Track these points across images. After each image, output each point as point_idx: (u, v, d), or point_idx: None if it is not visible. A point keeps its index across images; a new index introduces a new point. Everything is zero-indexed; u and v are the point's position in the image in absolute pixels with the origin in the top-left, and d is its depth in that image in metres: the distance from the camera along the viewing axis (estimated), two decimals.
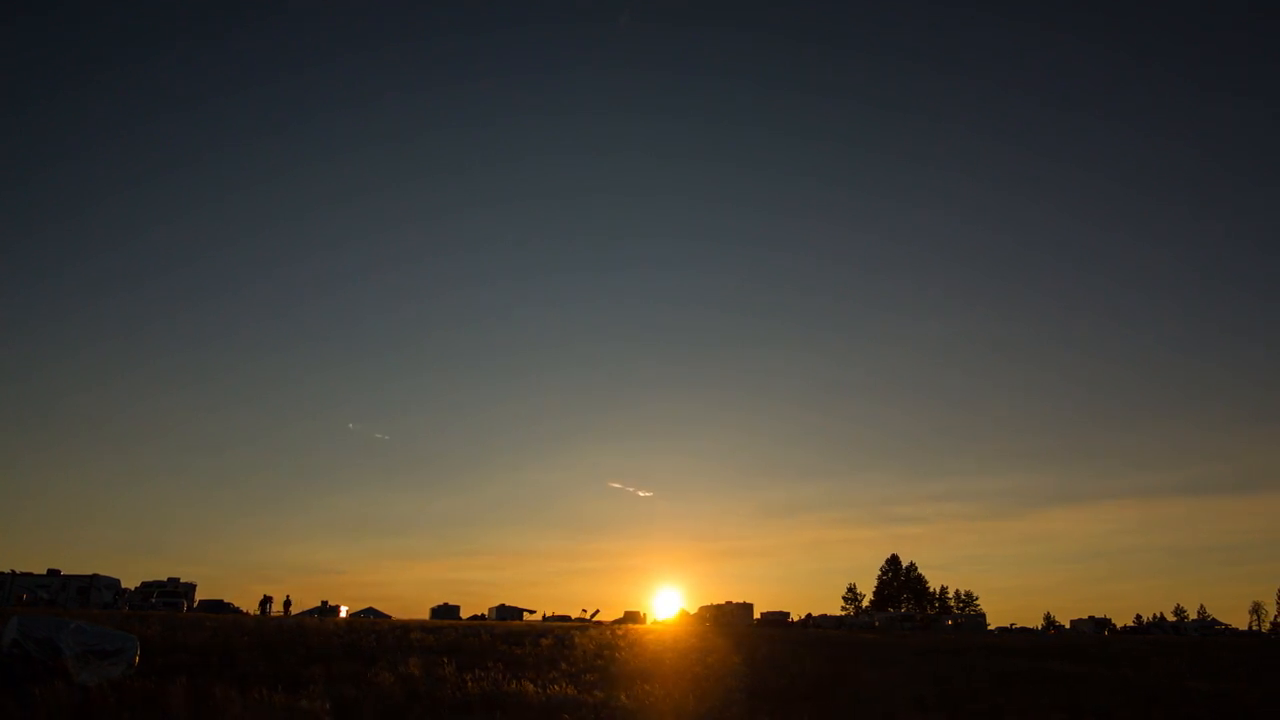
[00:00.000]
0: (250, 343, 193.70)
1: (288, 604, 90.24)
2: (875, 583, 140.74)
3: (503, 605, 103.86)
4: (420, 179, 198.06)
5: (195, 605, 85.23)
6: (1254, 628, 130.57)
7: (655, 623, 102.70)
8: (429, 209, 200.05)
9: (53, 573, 76.55)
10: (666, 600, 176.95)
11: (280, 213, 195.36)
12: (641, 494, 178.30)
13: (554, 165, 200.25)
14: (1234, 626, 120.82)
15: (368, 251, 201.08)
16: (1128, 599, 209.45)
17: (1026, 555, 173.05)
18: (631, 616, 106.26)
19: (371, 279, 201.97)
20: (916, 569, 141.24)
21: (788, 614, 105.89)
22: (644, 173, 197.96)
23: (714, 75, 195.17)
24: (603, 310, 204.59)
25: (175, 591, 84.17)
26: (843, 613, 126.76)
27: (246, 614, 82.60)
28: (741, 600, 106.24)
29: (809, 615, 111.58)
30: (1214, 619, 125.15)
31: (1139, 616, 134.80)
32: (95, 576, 75.96)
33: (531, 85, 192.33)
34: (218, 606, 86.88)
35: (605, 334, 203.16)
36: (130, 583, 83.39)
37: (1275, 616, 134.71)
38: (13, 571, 75.06)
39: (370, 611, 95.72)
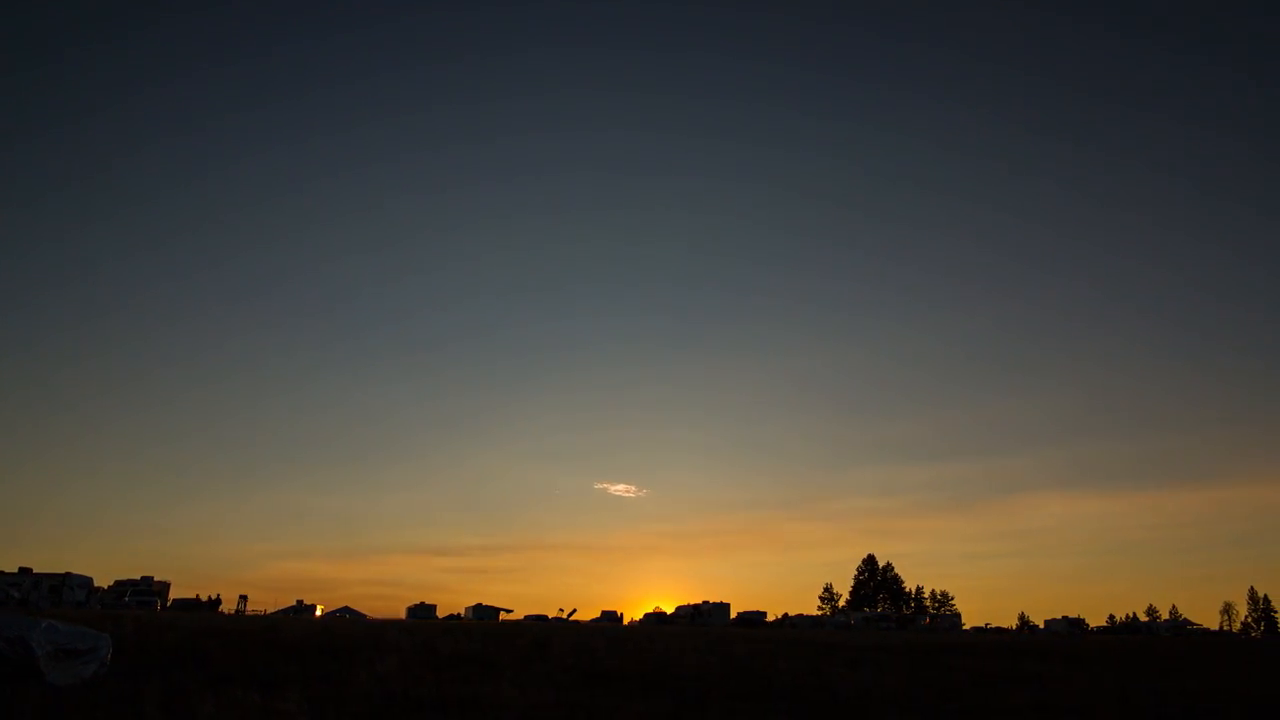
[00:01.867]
0: (227, 340, 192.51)
1: (243, 600, 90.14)
2: (852, 583, 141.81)
3: (480, 604, 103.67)
4: (389, 161, 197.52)
5: (169, 604, 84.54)
6: (1225, 628, 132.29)
7: (632, 622, 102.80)
8: (403, 190, 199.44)
9: (24, 571, 75.71)
10: (644, 599, 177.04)
11: (238, 201, 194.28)
12: (621, 493, 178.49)
13: (539, 146, 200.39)
14: (1206, 626, 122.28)
15: (344, 238, 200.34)
16: (1103, 599, 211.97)
17: (1004, 551, 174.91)
18: (609, 616, 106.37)
19: (354, 268, 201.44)
20: (893, 569, 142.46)
21: (764, 614, 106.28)
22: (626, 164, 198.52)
23: (713, 71, 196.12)
24: (589, 307, 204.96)
25: (149, 590, 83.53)
26: (819, 612, 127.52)
27: (221, 612, 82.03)
28: (718, 600, 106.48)
29: (786, 615, 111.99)
30: (1186, 619, 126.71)
31: (1112, 616, 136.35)
32: (68, 575, 75.24)
33: (526, 64, 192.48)
34: (192, 605, 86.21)
35: (592, 332, 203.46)
36: (103, 581, 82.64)
37: (1245, 617, 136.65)
38: None
39: (346, 611, 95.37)
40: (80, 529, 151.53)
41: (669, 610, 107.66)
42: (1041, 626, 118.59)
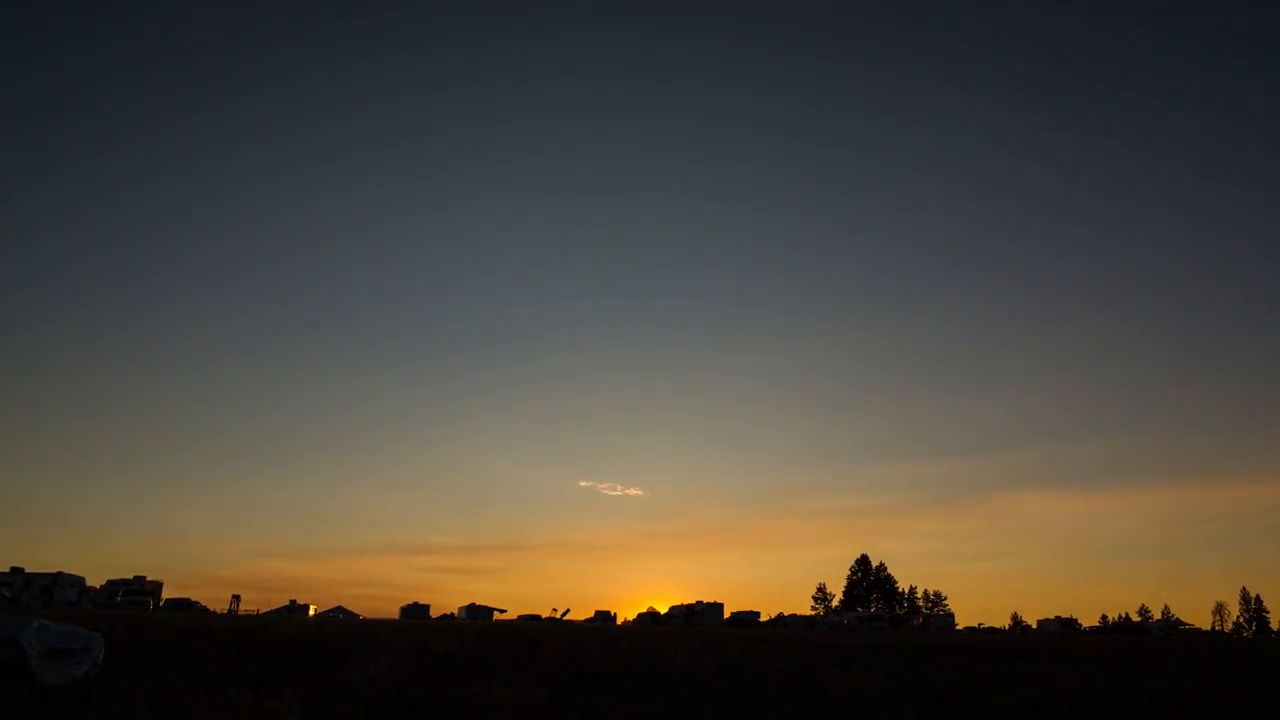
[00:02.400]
0: (214, 338, 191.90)
1: (236, 600, 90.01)
2: (845, 583, 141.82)
3: (473, 604, 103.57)
4: (374, 149, 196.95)
5: (161, 604, 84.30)
6: (1217, 628, 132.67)
7: (626, 622, 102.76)
8: (387, 180, 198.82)
9: (16, 570, 75.40)
10: (637, 599, 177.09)
11: (222, 193, 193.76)
12: (607, 491, 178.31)
13: (530, 135, 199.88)
14: (1198, 626, 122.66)
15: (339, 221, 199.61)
16: (1096, 599, 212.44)
17: (998, 550, 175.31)
18: (602, 616, 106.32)
19: (342, 262, 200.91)
20: (886, 569, 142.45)
21: (758, 614, 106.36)
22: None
23: (713, 74, 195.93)
24: (574, 305, 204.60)
25: (141, 590, 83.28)
26: (813, 612, 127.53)
27: (213, 612, 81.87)
28: (712, 600, 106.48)
29: (779, 615, 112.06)
30: (1178, 619, 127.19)
31: (1104, 616, 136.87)
32: (59, 574, 74.96)
33: (524, 49, 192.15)
34: (184, 605, 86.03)
35: (578, 328, 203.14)
36: (95, 580, 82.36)
37: (1237, 617, 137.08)
38: None
39: (339, 610, 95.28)
40: (72, 528, 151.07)
41: (662, 610, 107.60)
42: (1034, 627, 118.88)
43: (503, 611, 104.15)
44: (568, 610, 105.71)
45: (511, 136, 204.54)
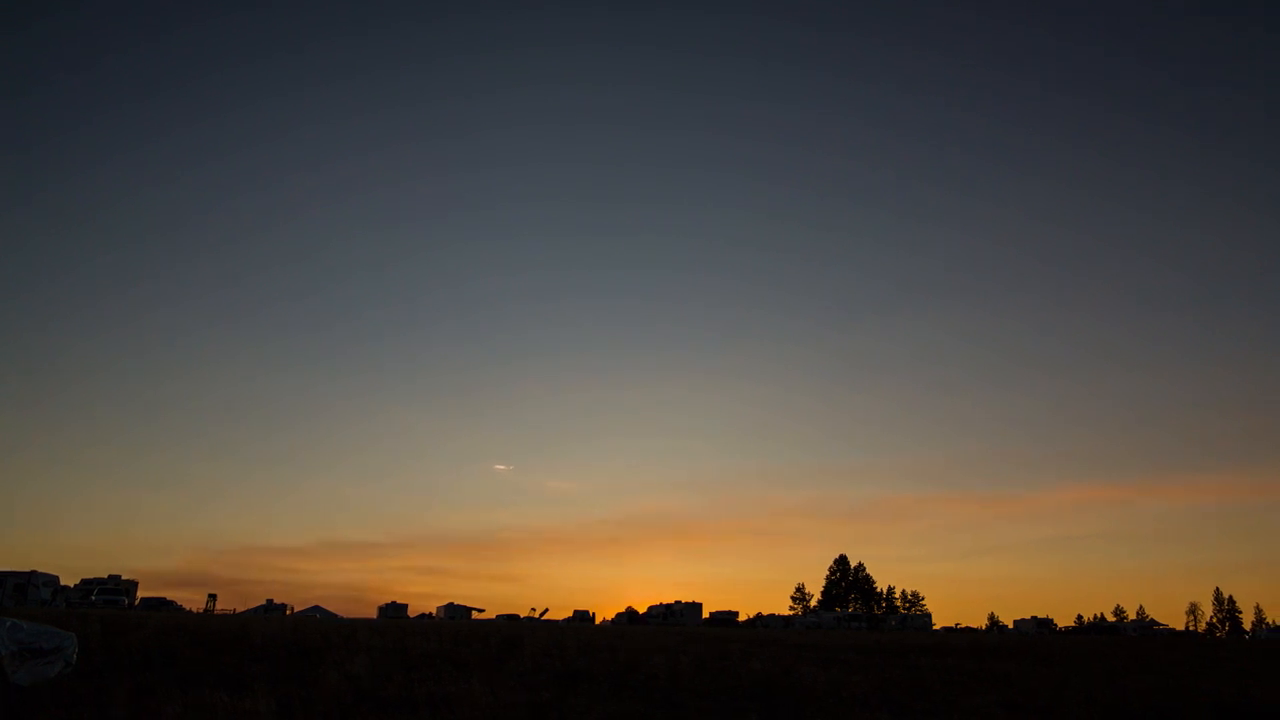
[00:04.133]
0: (198, 334, 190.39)
1: (212, 599, 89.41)
2: (824, 583, 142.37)
3: (451, 604, 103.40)
4: (294, 128, 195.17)
5: (137, 602, 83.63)
6: (1190, 628, 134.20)
7: (605, 621, 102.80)
8: (330, 159, 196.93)
9: None
10: (616, 599, 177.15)
11: (161, 176, 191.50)
12: (576, 490, 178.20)
13: (452, 114, 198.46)
14: (1172, 627, 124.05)
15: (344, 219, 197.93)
16: (1072, 599, 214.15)
17: (979, 549, 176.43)
18: (581, 616, 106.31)
19: (324, 264, 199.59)
20: (864, 569, 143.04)
21: (736, 613, 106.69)
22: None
23: (713, 61, 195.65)
24: (558, 300, 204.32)
25: (116, 589, 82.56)
26: (791, 612, 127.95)
27: (190, 611, 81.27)
28: (690, 600, 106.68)
29: (758, 614, 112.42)
30: (1152, 619, 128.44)
31: (1080, 617, 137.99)
32: (33, 573, 74.17)
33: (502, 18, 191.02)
34: (160, 604, 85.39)
35: (562, 325, 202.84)
36: (70, 579, 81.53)
37: (1210, 617, 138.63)
38: None
39: (317, 610, 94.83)
40: (46, 526, 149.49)
41: (641, 610, 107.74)
42: (1010, 627, 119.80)
43: (481, 611, 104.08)
44: (546, 610, 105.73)
45: (447, 118, 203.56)
